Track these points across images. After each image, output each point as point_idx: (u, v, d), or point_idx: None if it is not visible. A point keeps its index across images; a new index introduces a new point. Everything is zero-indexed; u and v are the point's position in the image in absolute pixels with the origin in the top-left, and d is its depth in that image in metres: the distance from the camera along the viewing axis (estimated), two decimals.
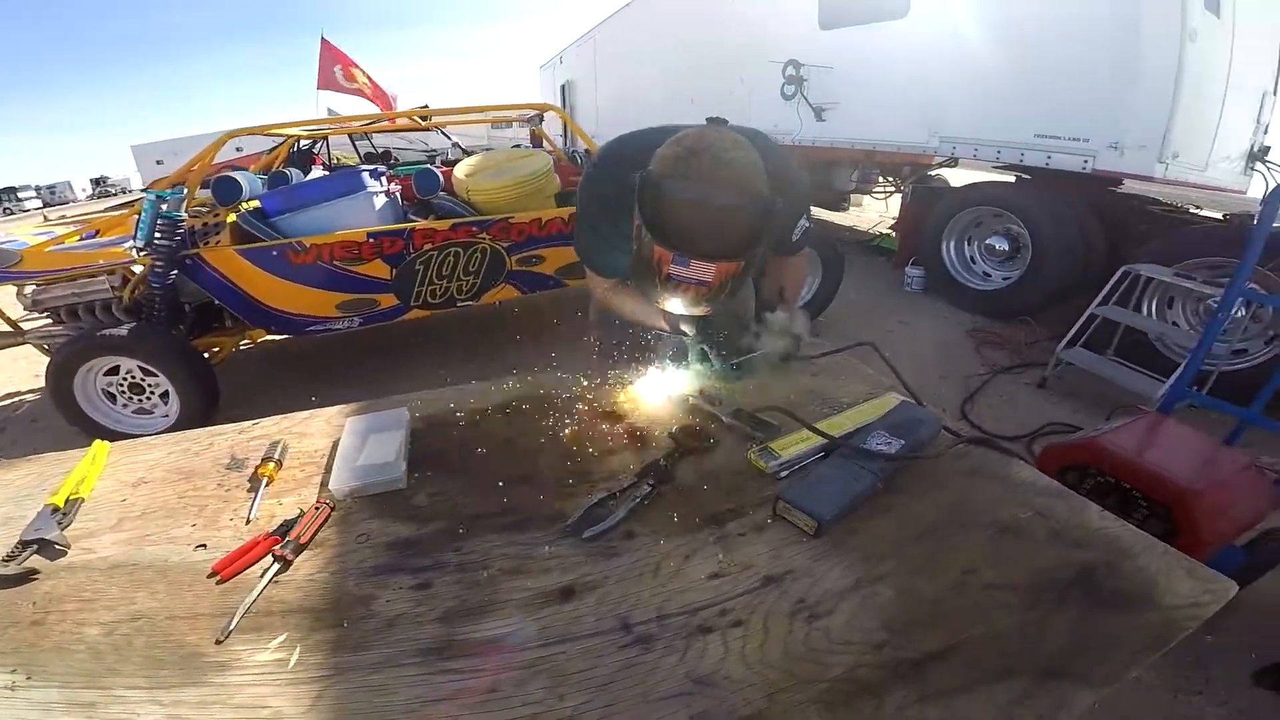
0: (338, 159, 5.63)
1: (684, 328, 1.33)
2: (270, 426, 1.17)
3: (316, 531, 0.84)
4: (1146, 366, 3.24)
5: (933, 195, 4.94)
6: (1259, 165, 4.21)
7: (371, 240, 2.96)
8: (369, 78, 7.23)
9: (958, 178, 5.77)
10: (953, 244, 4.61)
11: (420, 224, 3.09)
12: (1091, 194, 4.12)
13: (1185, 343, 3.25)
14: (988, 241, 4.44)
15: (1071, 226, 3.98)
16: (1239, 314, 3.06)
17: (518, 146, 6.02)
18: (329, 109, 7.64)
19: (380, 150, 6.50)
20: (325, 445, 1.09)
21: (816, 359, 1.46)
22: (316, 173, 3.85)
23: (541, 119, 4.31)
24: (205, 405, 2.71)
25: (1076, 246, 3.98)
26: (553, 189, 3.47)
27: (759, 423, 1.14)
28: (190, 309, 2.96)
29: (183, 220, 2.66)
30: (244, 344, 3.28)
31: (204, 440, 1.14)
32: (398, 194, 3.34)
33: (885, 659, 0.69)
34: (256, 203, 3.03)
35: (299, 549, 0.80)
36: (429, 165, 3.51)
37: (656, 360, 1.34)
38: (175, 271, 2.67)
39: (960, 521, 0.96)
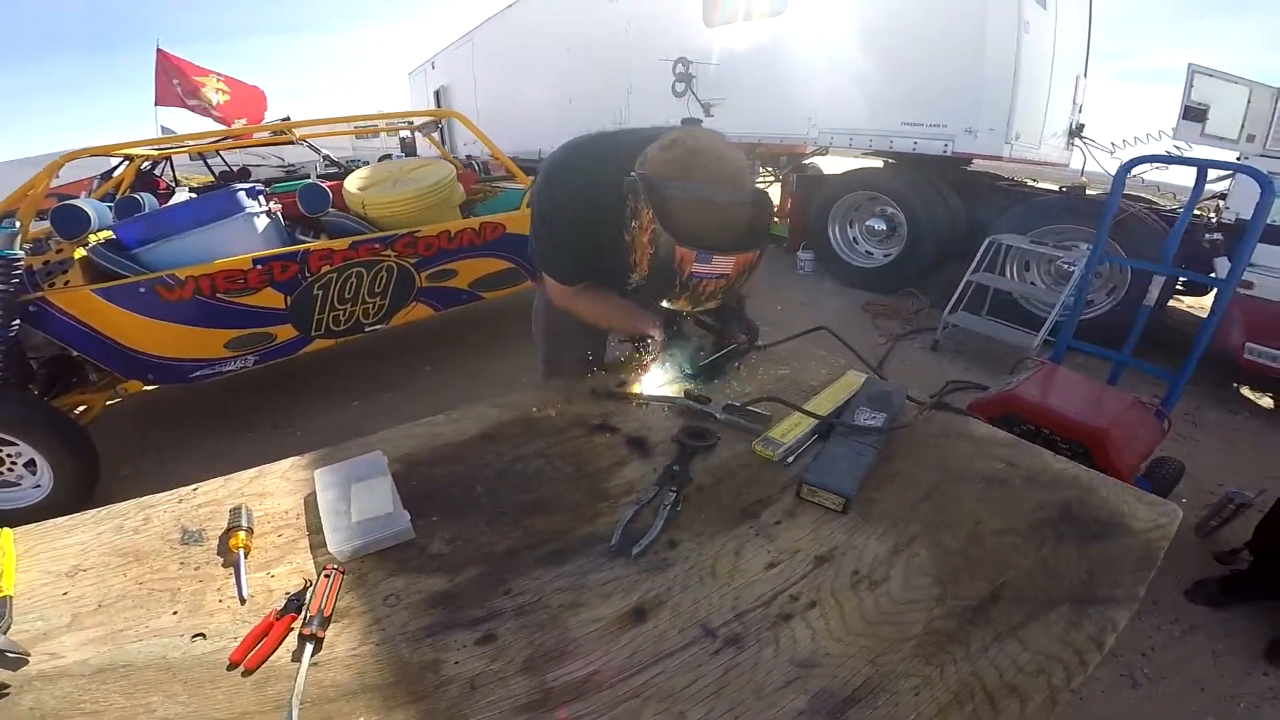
0: (182, 181, 5.04)
1: (652, 333, 1.31)
2: (215, 491, 1.02)
3: (335, 601, 0.74)
4: (1015, 322, 3.74)
5: (815, 184, 5.28)
6: (1077, 141, 4.89)
7: (259, 267, 2.67)
8: (227, 85, 6.49)
9: (829, 166, 6.20)
10: (837, 228, 4.95)
11: (315, 244, 2.83)
12: (949, 174, 4.59)
13: (1044, 299, 3.74)
14: (867, 223, 4.82)
15: (938, 205, 4.41)
16: (1077, 270, 3.55)
17: (386, 157, 5.70)
18: (163, 127, 6.81)
19: (237, 169, 5.90)
20: (294, 504, 0.97)
21: (772, 346, 1.51)
22: (181, 196, 3.41)
23: (438, 125, 4.10)
24: (84, 470, 2.31)
25: (944, 222, 4.41)
26: (457, 199, 3.32)
27: (751, 414, 1.16)
28: (40, 364, 2.52)
29: (19, 259, 2.25)
30: (114, 400, 2.84)
31: (135, 515, 0.97)
32: (279, 214, 3.04)
33: (950, 609, 0.75)
34: (108, 234, 2.64)
35: (325, 622, 0.70)
36: (314, 180, 3.22)
37: (642, 365, 1.32)
38: (17, 321, 2.25)
39: (950, 479, 1.06)
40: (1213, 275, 3.18)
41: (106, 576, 0.82)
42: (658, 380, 1.28)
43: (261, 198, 2.94)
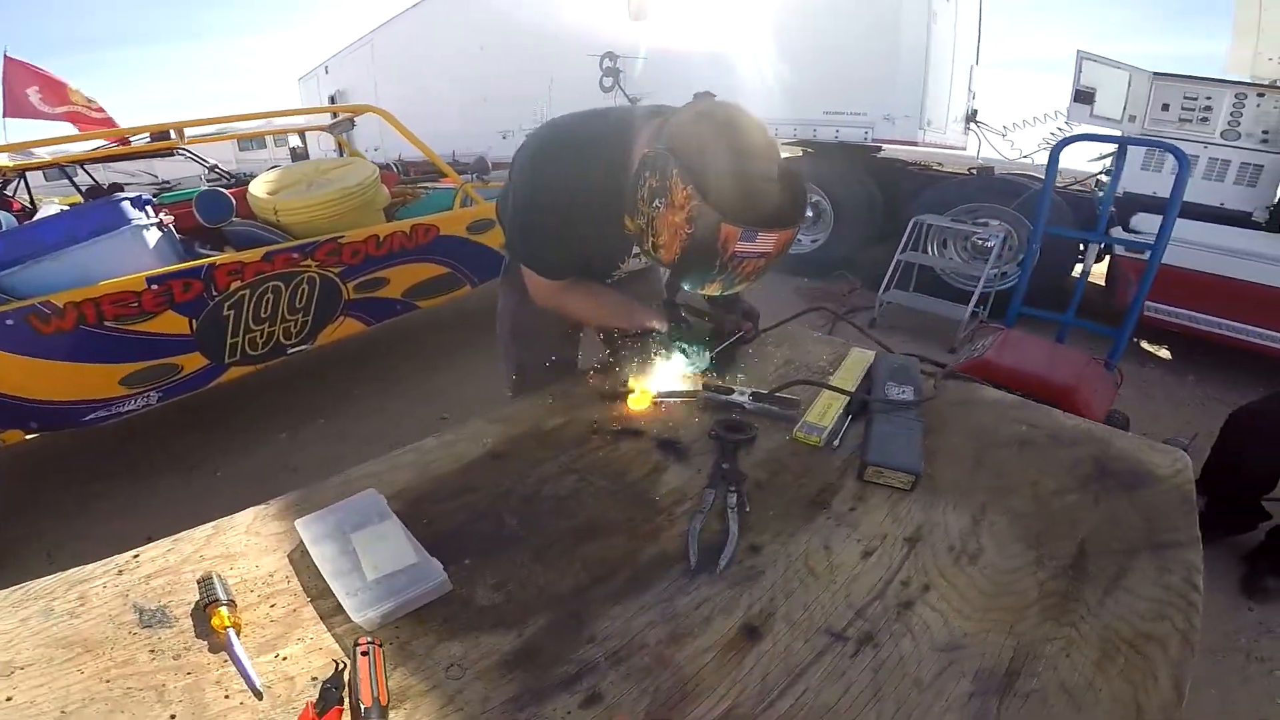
0: (42, 201, 4.38)
1: (656, 325, 1.22)
2: (163, 556, 0.82)
3: (386, 682, 0.60)
4: (939, 295, 3.97)
5: None
6: (972, 125, 5.22)
7: (155, 287, 2.31)
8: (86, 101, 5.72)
9: None
10: None
11: (221, 258, 2.50)
12: (865, 161, 4.78)
13: (967, 272, 3.95)
14: None
15: (859, 190, 4.57)
16: (992, 244, 3.79)
17: (274, 168, 5.22)
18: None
19: (106, 186, 5.21)
20: (277, 564, 0.79)
21: (768, 331, 1.47)
22: (49, 212, 2.93)
23: (353, 123, 3.77)
24: None
25: (865, 207, 4.59)
26: (382, 200, 3.05)
27: (782, 400, 1.10)
28: None
29: None
30: None
31: (66, 594, 0.77)
32: (173, 226, 2.67)
33: (1053, 570, 0.76)
34: None
35: (384, 712, 0.56)
36: (216, 187, 2.87)
37: (655, 359, 1.22)
38: None
39: (988, 445, 1.06)
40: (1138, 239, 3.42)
41: (56, 675, 0.63)
42: (673, 373, 1.18)
43: (149, 208, 2.57)
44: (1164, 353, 3.62)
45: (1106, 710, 0.58)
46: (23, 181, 4.09)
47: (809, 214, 4.86)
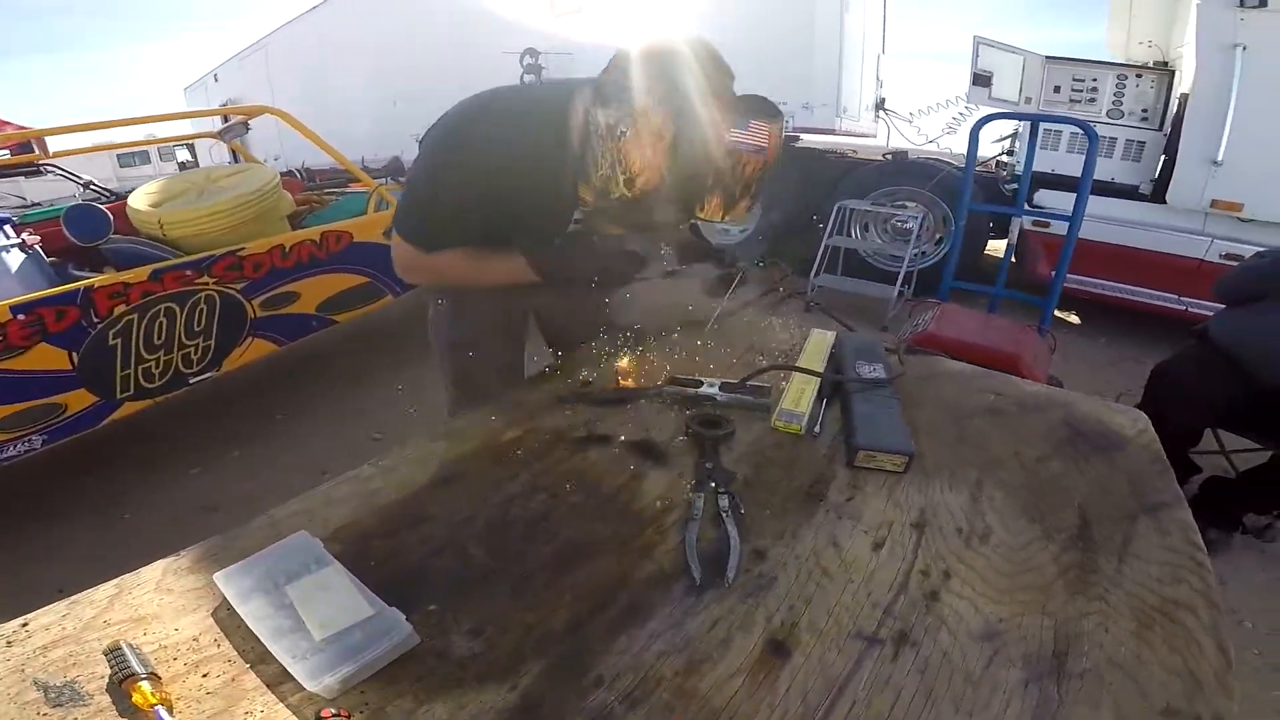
0: None
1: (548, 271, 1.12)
2: (58, 624, 0.67)
3: None
4: (865, 277, 4.11)
5: None
6: (881, 113, 5.42)
7: (21, 317, 2.01)
8: None
9: None
10: None
11: (100, 279, 2.20)
12: (787, 150, 4.86)
13: (890, 253, 4.10)
14: None
15: (783, 179, 4.64)
16: (912, 225, 3.94)
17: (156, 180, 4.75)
18: None
19: None
20: (201, 626, 0.65)
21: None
22: None
23: (247, 127, 3.44)
24: None
25: (789, 195, 4.66)
26: (285, 208, 2.79)
27: (754, 389, 1.03)
28: None
29: None
30: None
31: None
32: (39, 247, 2.34)
33: (1063, 542, 0.74)
34: None
35: None
36: (91, 202, 2.53)
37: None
38: None
39: (963, 417, 1.05)
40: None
41: None
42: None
43: (9, 228, 2.24)
44: (1074, 318, 3.87)
45: (1163, 682, 0.55)
46: None
47: None
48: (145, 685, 0.54)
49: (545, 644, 0.58)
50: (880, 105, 5.43)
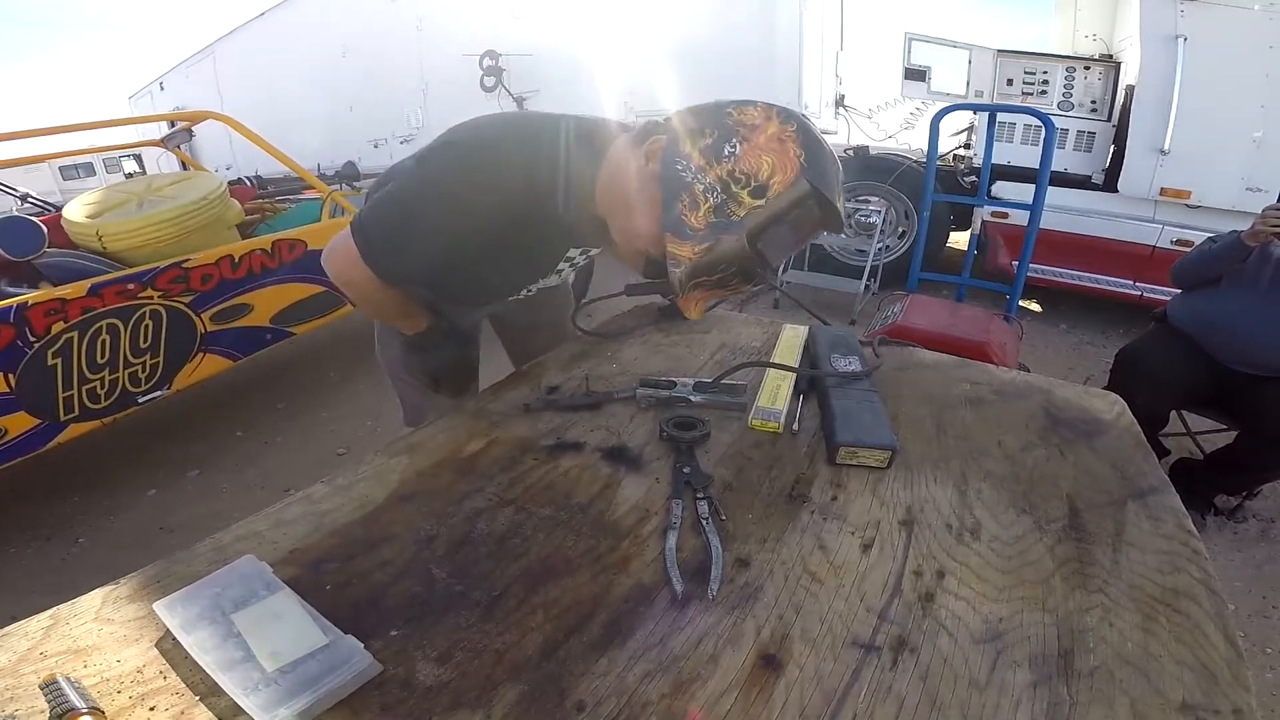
0: None
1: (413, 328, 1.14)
2: None
3: None
4: (830, 272, 4.13)
5: None
6: (840, 109, 5.48)
7: None
8: None
9: None
10: None
11: (34, 296, 2.07)
12: None
13: (856, 247, 4.13)
14: None
15: None
16: (875, 219, 3.99)
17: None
18: None
19: None
20: (143, 656, 0.59)
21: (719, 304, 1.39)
22: None
23: (191, 134, 3.29)
24: None
25: None
26: (233, 217, 2.67)
27: (728, 388, 1.00)
28: None
29: None
30: None
31: None
32: None
33: (1056, 533, 0.72)
34: None
35: None
36: (13, 213, 2.38)
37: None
38: None
39: (942, 408, 1.03)
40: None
41: None
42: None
43: None
44: (1034, 306, 3.95)
45: (1175, 675, 0.53)
46: None
47: None
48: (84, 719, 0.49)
49: (520, 669, 0.53)
50: (840, 102, 5.49)
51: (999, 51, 3.95)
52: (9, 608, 1.25)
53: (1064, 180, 3.84)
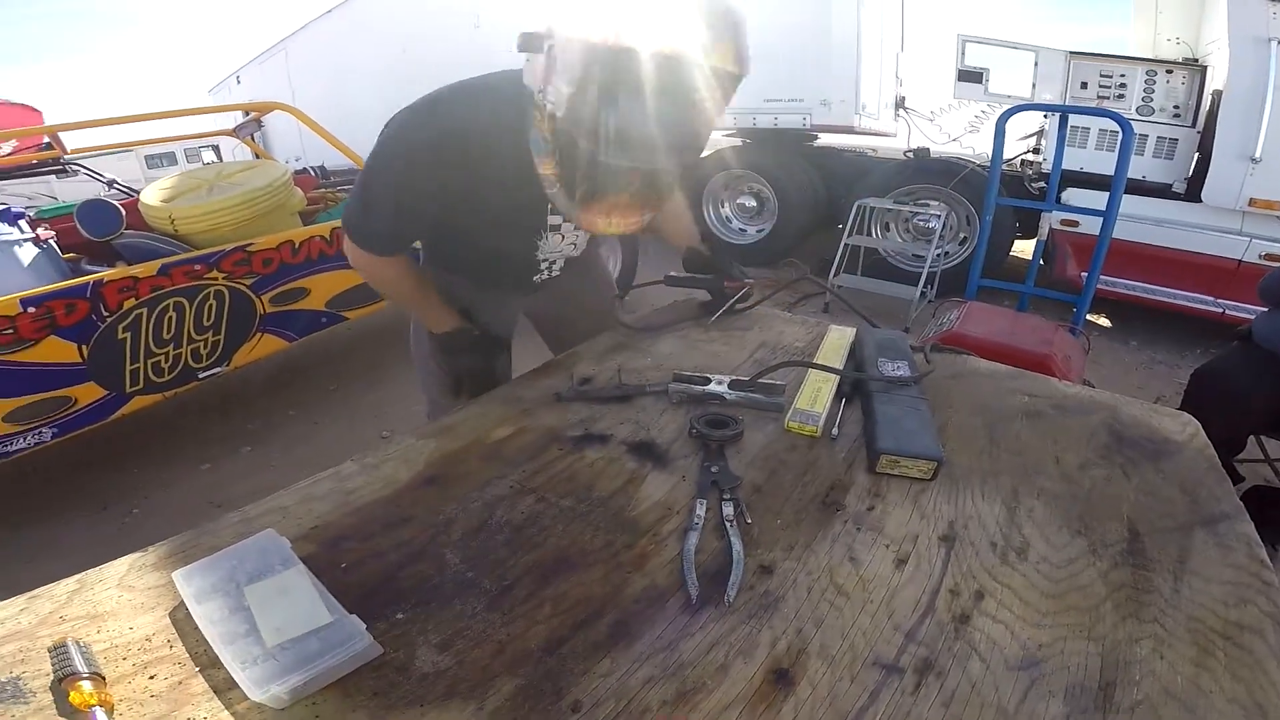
0: None
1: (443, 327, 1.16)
2: (16, 618, 0.62)
3: None
4: (884, 277, 3.98)
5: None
6: (900, 111, 5.30)
7: (32, 310, 2.00)
8: None
9: None
10: (711, 208, 4.96)
11: (109, 274, 2.19)
12: (804, 149, 4.77)
13: (913, 251, 3.99)
14: (738, 201, 4.87)
15: (802, 177, 4.55)
16: (934, 224, 3.84)
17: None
18: None
19: None
20: (156, 625, 0.60)
21: (762, 302, 1.41)
22: None
23: (260, 124, 3.44)
24: None
25: (808, 194, 4.57)
26: (296, 204, 2.77)
27: (766, 387, 0.96)
28: None
29: None
30: None
31: None
32: (54, 242, 2.34)
33: (1111, 558, 0.66)
34: None
35: None
36: (96, 197, 2.53)
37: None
38: None
39: (996, 420, 0.97)
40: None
41: None
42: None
43: (24, 223, 2.24)
44: (1103, 320, 3.72)
45: (1224, 713, 0.48)
46: None
47: (753, 204, 4.82)
48: (85, 685, 0.50)
49: (519, 662, 0.51)
50: (900, 104, 5.30)
51: (1071, 53, 3.73)
52: (60, 573, 1.30)
53: (1142, 188, 3.61)
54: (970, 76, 3.94)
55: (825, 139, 5.00)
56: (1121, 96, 3.73)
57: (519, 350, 1.43)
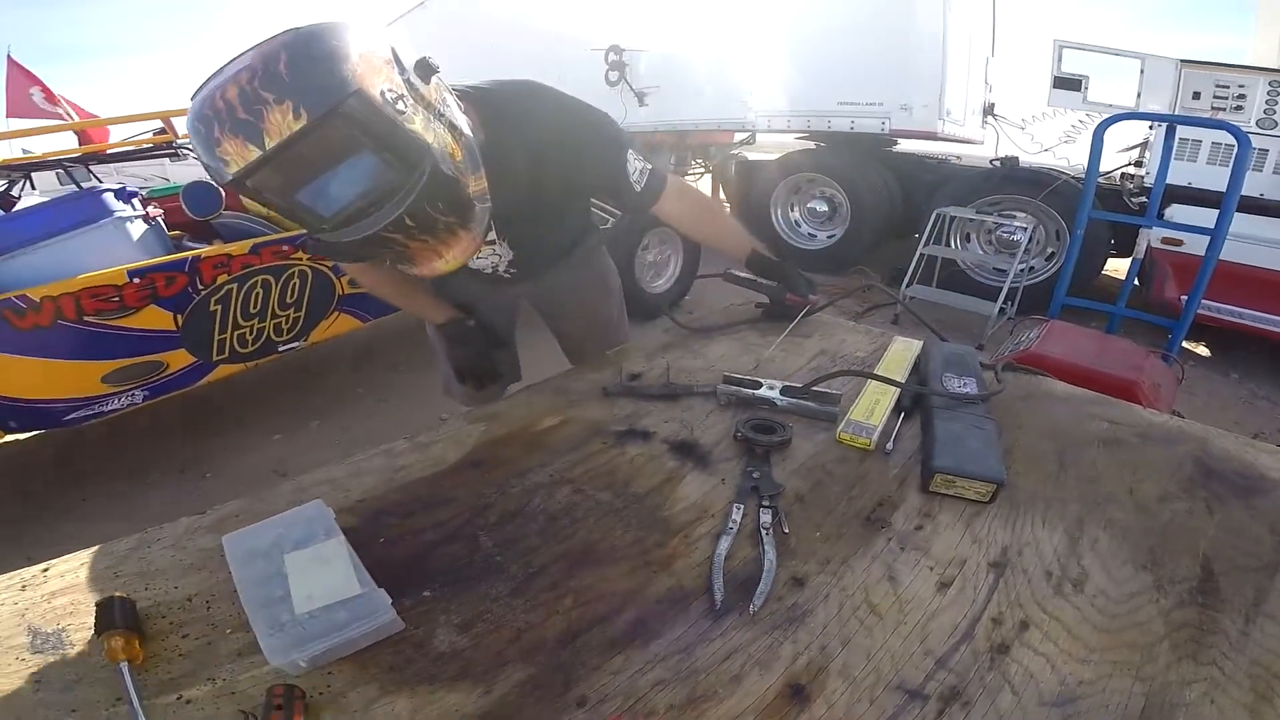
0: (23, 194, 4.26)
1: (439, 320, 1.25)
2: (74, 571, 0.68)
3: None
4: (961, 290, 3.77)
5: (753, 170, 5.16)
6: (989, 119, 5.03)
7: (137, 280, 2.19)
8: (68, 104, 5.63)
9: (755, 155, 6.13)
10: (779, 212, 4.86)
11: (206, 250, 2.37)
12: (881, 154, 4.61)
13: (994, 265, 3.78)
14: (809, 205, 4.75)
15: (877, 183, 4.39)
16: (1019, 237, 3.62)
17: None
18: (24, 149, 5.82)
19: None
20: (200, 586, 0.64)
21: (826, 308, 1.34)
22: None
23: None
24: None
25: (883, 200, 4.41)
26: None
27: (820, 395, 0.93)
28: None
29: None
30: None
31: None
32: (162, 220, 2.54)
33: (1177, 596, 0.61)
34: None
35: None
36: (205, 180, 2.74)
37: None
38: None
39: (1070, 445, 0.90)
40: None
41: None
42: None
43: (136, 201, 2.44)
44: (1202, 349, 3.41)
45: None
46: (28, 182, 4.00)
47: (824, 208, 4.68)
48: (119, 639, 0.53)
49: (534, 651, 0.52)
50: (989, 111, 5.04)
51: (1183, 61, 3.44)
52: (128, 532, 1.40)
53: (1258, 207, 3.27)
54: (1067, 84, 3.70)
55: (905, 144, 4.82)
56: (1240, 108, 3.40)
57: (538, 346, 1.46)
